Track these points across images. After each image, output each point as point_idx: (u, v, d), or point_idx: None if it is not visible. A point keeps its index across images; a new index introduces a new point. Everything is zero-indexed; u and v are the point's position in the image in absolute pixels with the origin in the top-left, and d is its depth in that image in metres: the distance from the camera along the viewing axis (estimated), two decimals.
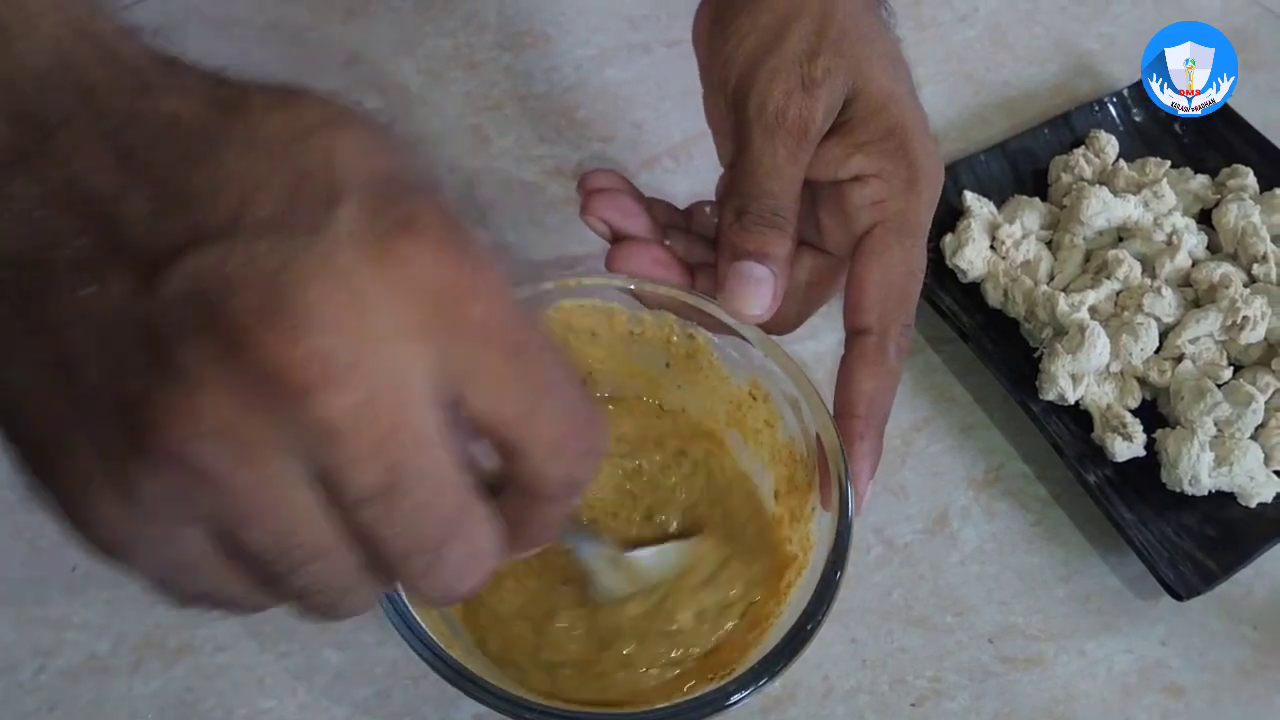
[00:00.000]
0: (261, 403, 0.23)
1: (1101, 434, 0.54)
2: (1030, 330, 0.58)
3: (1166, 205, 0.61)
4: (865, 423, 0.43)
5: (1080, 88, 0.70)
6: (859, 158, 0.43)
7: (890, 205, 0.43)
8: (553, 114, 0.66)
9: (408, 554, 0.26)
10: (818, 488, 0.43)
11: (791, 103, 0.42)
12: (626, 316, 0.47)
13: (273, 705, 0.46)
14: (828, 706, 0.48)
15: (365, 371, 0.24)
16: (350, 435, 0.24)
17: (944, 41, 0.72)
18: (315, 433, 0.24)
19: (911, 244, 0.44)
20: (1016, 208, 0.61)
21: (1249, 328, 0.55)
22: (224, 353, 0.23)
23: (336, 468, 0.24)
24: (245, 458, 0.24)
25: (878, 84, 0.43)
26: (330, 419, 0.24)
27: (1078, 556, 0.53)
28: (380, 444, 0.24)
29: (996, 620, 0.51)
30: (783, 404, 0.45)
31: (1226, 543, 0.51)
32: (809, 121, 0.42)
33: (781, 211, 0.43)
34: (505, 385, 0.26)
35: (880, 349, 0.43)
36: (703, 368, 0.47)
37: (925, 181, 0.43)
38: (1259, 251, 0.58)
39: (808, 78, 0.42)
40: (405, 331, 0.25)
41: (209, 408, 0.23)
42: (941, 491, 0.54)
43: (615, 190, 0.47)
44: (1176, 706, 0.49)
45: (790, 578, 0.43)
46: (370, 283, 0.24)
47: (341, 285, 0.24)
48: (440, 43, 0.68)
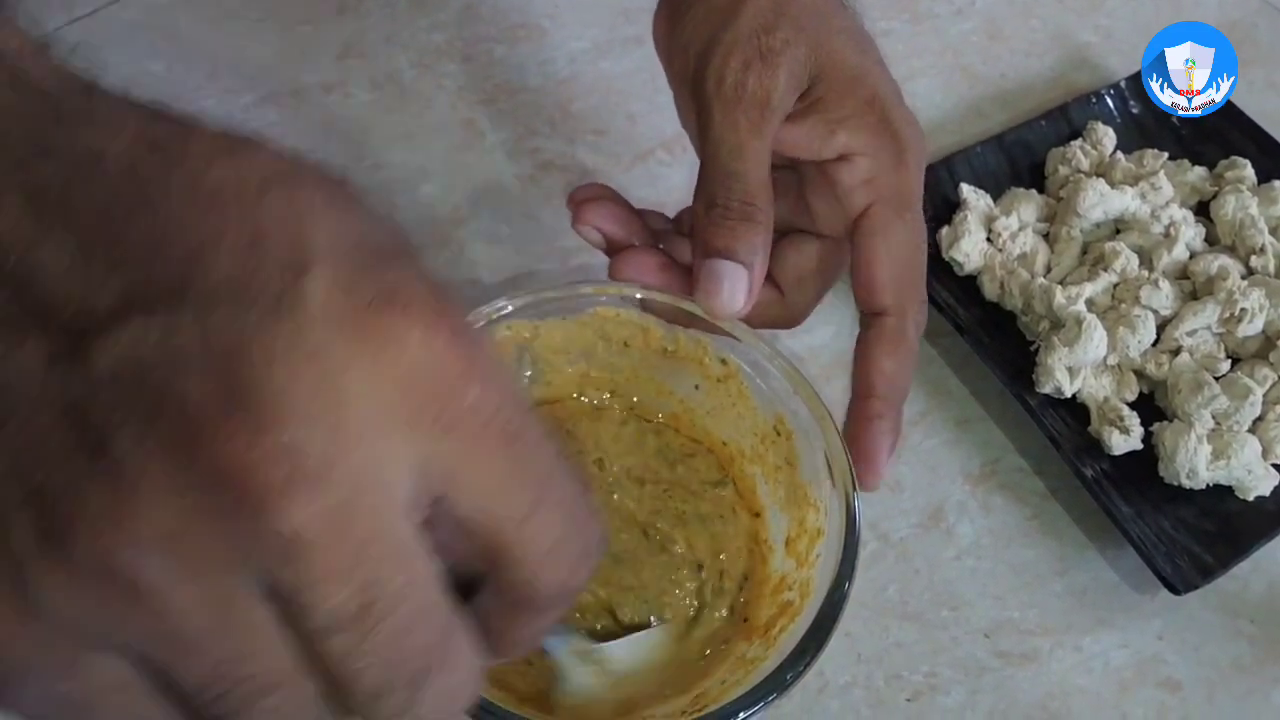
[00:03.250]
0: (213, 508, 0.19)
1: (1098, 427, 0.54)
2: (1027, 323, 0.57)
3: (1164, 197, 0.60)
4: (885, 403, 0.42)
5: (1077, 80, 0.70)
6: (841, 134, 0.42)
7: (882, 181, 0.42)
8: (547, 107, 0.65)
9: (379, 691, 0.22)
10: (828, 534, 0.41)
11: (750, 73, 0.40)
12: (661, 333, 0.46)
13: None
14: (822, 702, 0.48)
15: (340, 473, 0.20)
16: (319, 550, 0.20)
17: (940, 34, 0.72)
18: (277, 547, 0.20)
19: (911, 217, 0.43)
20: (1013, 200, 0.61)
21: (1246, 320, 0.54)
22: (169, 446, 0.19)
23: (300, 588, 0.20)
24: (189, 573, 0.20)
25: (843, 56, 0.42)
26: (297, 532, 0.20)
27: (1074, 551, 0.53)
28: (354, 560, 0.20)
29: (992, 615, 0.51)
30: (804, 441, 0.43)
31: (1224, 537, 0.51)
32: (770, 90, 0.40)
33: (750, 196, 0.41)
34: (499, 484, 0.23)
35: (900, 329, 0.42)
36: (732, 395, 0.46)
37: (912, 152, 0.43)
38: (1257, 244, 0.57)
39: (765, 48, 0.40)
40: (389, 423, 0.21)
41: (147, 511, 0.19)
42: (937, 486, 0.54)
43: (605, 199, 0.46)
44: (1173, 701, 0.49)
45: (784, 624, 0.41)
46: (348, 365, 0.20)
47: (314, 368, 0.20)
48: (434, 36, 0.68)
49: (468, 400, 0.22)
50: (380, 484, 0.21)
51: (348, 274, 0.21)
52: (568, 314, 0.46)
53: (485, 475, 0.23)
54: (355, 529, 0.20)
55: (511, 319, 0.45)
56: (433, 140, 0.63)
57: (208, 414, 0.19)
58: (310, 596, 0.20)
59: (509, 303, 0.44)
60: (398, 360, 0.21)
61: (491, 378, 0.23)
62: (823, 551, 0.41)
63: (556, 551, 0.24)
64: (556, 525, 0.24)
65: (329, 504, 0.20)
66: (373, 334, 0.21)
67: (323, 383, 0.20)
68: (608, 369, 0.48)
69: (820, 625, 0.38)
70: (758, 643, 0.41)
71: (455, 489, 0.22)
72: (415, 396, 0.21)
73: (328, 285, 0.21)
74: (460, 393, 0.22)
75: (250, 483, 0.19)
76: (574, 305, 0.45)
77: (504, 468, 0.23)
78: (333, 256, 0.21)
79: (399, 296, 0.22)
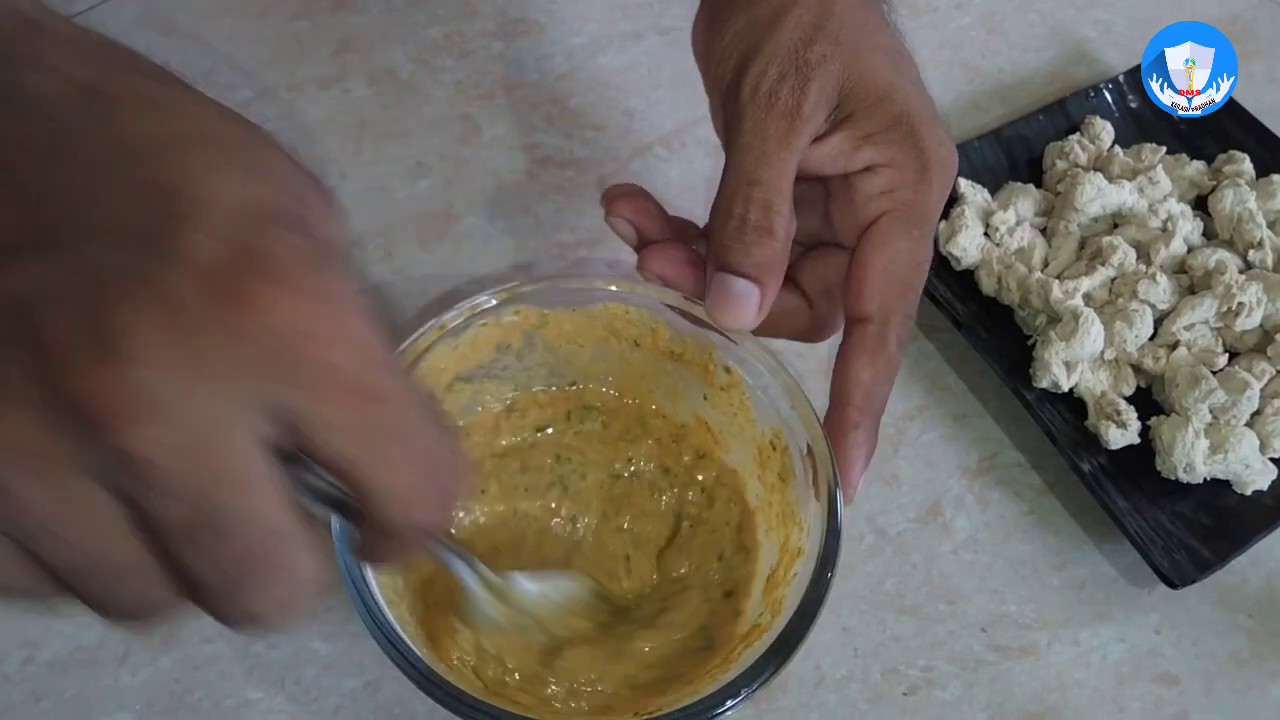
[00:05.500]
0: (67, 426, 0.22)
1: (1096, 422, 0.54)
2: (1024, 318, 0.57)
3: (1162, 191, 0.60)
4: (861, 412, 0.42)
5: (1076, 75, 0.70)
6: (868, 149, 0.42)
7: (900, 195, 0.42)
8: (544, 103, 0.65)
9: (210, 586, 0.25)
10: (807, 554, 0.41)
11: (785, 84, 0.40)
12: (669, 334, 0.46)
13: (260, 696, 0.46)
14: (819, 696, 0.48)
15: (183, 412, 0.23)
16: (158, 471, 0.23)
17: (939, 29, 0.72)
18: (121, 464, 0.23)
19: (920, 234, 0.43)
20: (1011, 194, 0.61)
21: (1244, 314, 0.54)
22: (35, 371, 0.22)
23: (141, 498, 0.23)
24: (42, 476, 0.23)
25: (877, 74, 0.42)
26: (138, 453, 0.22)
27: (1071, 545, 0.52)
28: (188, 482, 0.23)
29: (989, 609, 0.50)
30: (797, 458, 0.43)
31: (1221, 531, 0.51)
32: (800, 102, 0.40)
33: (770, 205, 0.41)
34: (348, 433, 0.25)
35: (881, 338, 0.42)
36: (734, 405, 0.46)
37: (937, 171, 0.42)
38: (1255, 238, 0.57)
39: (801, 61, 0.41)
40: (238, 372, 0.23)
41: (11, 425, 0.22)
42: (935, 480, 0.54)
43: (637, 194, 0.46)
44: (1170, 695, 0.49)
45: (753, 640, 0.41)
46: (207, 319, 0.23)
47: (174, 317, 0.22)
48: (431, 31, 0.68)
49: (319, 361, 0.24)
50: (221, 424, 0.23)
51: (229, 235, 0.23)
52: (577, 305, 0.46)
53: (340, 428, 0.25)
54: (192, 459, 0.23)
55: (520, 304, 0.45)
56: (430, 135, 0.63)
57: (70, 346, 0.22)
58: (150, 505, 0.23)
59: (520, 286, 0.44)
60: (255, 320, 0.23)
61: (349, 341, 0.25)
62: (800, 571, 0.40)
63: (410, 494, 0.27)
64: (412, 471, 0.26)
65: (169, 437, 0.22)
66: (237, 294, 0.23)
67: (179, 331, 0.22)
68: (620, 367, 0.48)
69: (781, 646, 0.38)
70: (720, 659, 0.41)
71: (311, 437, 0.25)
72: (265, 351, 0.23)
73: (207, 243, 0.23)
74: (313, 351, 0.24)
75: (99, 409, 0.22)
76: (588, 298, 0.45)
77: (358, 422, 0.25)
78: (220, 217, 0.23)
79: (268, 260, 0.23)
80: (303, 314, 0.24)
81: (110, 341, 0.22)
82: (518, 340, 0.47)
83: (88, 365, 0.22)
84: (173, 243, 0.23)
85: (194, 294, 0.22)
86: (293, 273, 0.24)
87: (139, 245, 0.23)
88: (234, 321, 0.23)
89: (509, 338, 0.46)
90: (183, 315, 0.22)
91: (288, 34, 0.67)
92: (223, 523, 0.24)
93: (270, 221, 0.24)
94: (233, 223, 0.23)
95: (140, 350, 0.22)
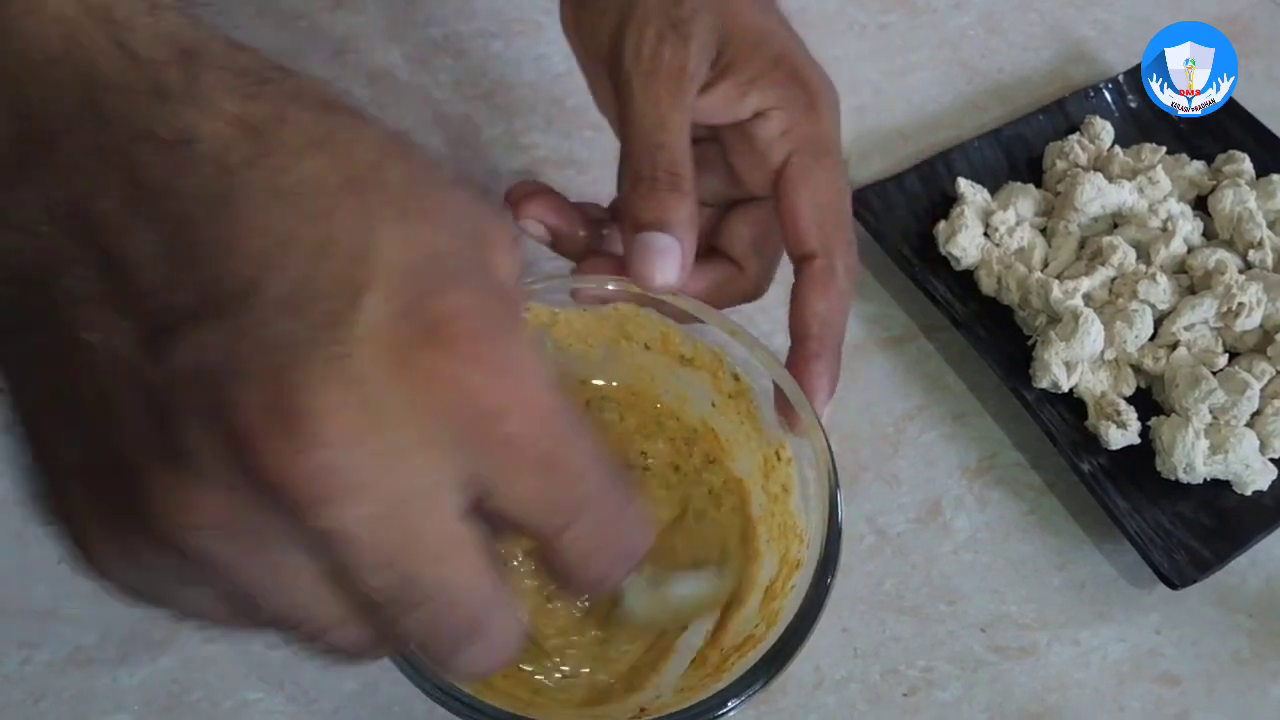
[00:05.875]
0: (265, 503, 0.22)
1: (1095, 422, 0.54)
2: (1024, 318, 0.57)
3: (1161, 191, 0.60)
4: (819, 342, 0.42)
5: (1075, 74, 0.70)
6: (754, 94, 0.42)
7: (798, 131, 0.43)
8: (543, 102, 0.65)
9: (426, 649, 0.26)
10: (806, 564, 0.41)
11: (665, 45, 0.41)
12: (680, 338, 0.46)
13: (259, 697, 0.46)
14: (818, 697, 0.48)
15: (376, 489, 0.22)
16: (360, 546, 0.23)
17: (938, 28, 0.72)
18: (323, 541, 0.23)
19: (830, 163, 0.43)
20: (1010, 194, 0.61)
21: (1244, 314, 0.54)
22: (228, 447, 0.22)
23: (346, 570, 0.23)
24: (248, 550, 0.23)
25: (748, 19, 0.43)
26: (338, 531, 0.22)
27: (1071, 545, 0.52)
28: (392, 556, 0.23)
29: (989, 609, 0.50)
30: (800, 469, 0.43)
31: (1221, 531, 0.51)
32: (684, 60, 0.41)
33: (675, 166, 0.41)
34: (535, 503, 0.25)
35: (828, 270, 0.43)
36: (741, 413, 0.46)
37: (824, 100, 0.43)
38: (1255, 238, 0.57)
39: (675, 19, 0.41)
40: (427, 446, 0.23)
41: (210, 500, 0.22)
42: (934, 480, 0.54)
43: (543, 192, 0.46)
44: (1171, 695, 0.49)
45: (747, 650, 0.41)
46: (389, 393, 0.22)
47: (356, 393, 0.22)
48: (429, 31, 0.68)
49: (504, 430, 0.24)
50: (417, 497, 0.23)
51: (404, 297, 0.23)
52: (587, 305, 0.46)
53: (522, 493, 0.25)
54: (393, 533, 0.23)
55: (530, 301, 0.45)
56: (428, 135, 0.63)
57: (256, 424, 0.21)
58: (355, 578, 0.23)
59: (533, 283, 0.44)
60: (437, 391, 0.23)
61: (531, 406, 0.24)
62: (798, 583, 0.40)
63: (592, 557, 0.27)
64: (593, 537, 0.27)
65: (368, 512, 0.22)
66: (416, 365, 0.23)
67: (363, 408, 0.22)
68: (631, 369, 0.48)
69: (776, 657, 0.38)
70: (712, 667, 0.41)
71: (497, 505, 0.25)
72: (452, 425, 0.23)
73: (381, 308, 0.22)
74: (497, 423, 0.24)
75: (292, 493, 0.22)
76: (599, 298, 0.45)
77: (539, 488, 0.25)
78: (391, 278, 0.23)
79: (448, 326, 0.23)
80: (481, 386, 0.23)
81: (296, 422, 0.21)
82: None
83: (276, 447, 0.21)
84: (349, 311, 0.22)
85: (373, 368, 0.22)
86: (469, 341, 0.23)
87: (314, 312, 0.22)
88: (417, 397, 0.23)
89: None
90: (365, 391, 0.22)
91: (286, 35, 0.67)
92: (427, 595, 0.24)
93: (447, 278, 0.23)
94: (409, 283, 0.23)
95: (328, 431, 0.22)
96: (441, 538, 0.24)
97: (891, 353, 0.58)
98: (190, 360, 0.22)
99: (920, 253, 0.59)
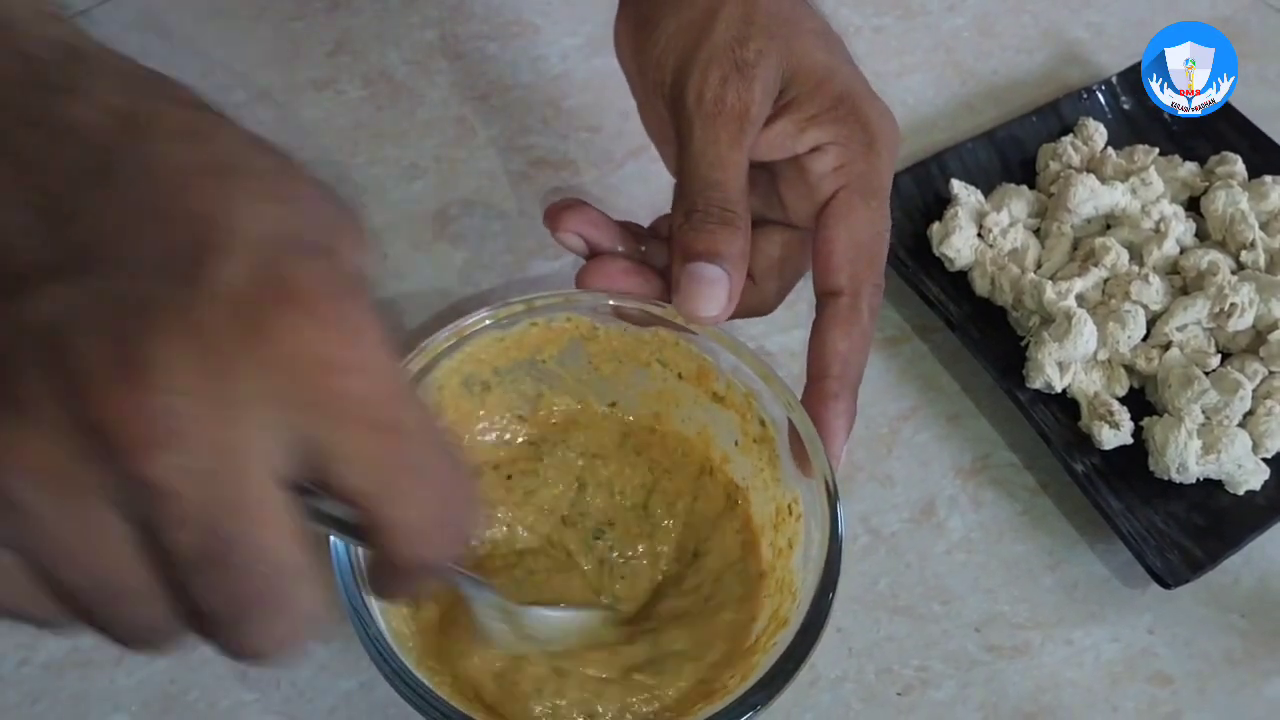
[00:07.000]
0: (89, 450, 0.22)
1: (1089, 422, 0.54)
2: (1017, 319, 0.58)
3: (1154, 193, 0.60)
4: (839, 382, 0.42)
5: (1069, 76, 0.70)
6: (813, 130, 0.43)
7: (851, 169, 0.43)
8: (539, 104, 0.65)
9: (216, 617, 0.25)
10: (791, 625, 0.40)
11: (729, 88, 0.41)
12: (716, 374, 0.46)
13: (255, 697, 0.46)
14: (813, 696, 0.48)
15: (204, 440, 0.23)
16: (176, 499, 0.23)
17: (932, 30, 0.72)
18: (140, 490, 0.23)
19: (876, 204, 0.44)
20: (1004, 196, 0.61)
21: (1237, 315, 0.54)
22: (63, 393, 0.22)
23: (157, 525, 0.23)
24: (60, 497, 0.23)
25: (813, 59, 0.43)
26: (158, 480, 0.23)
27: (1065, 545, 0.53)
28: (205, 513, 0.23)
29: (983, 609, 0.51)
30: (807, 529, 0.43)
31: (1214, 531, 0.51)
32: (748, 104, 0.41)
33: (730, 204, 0.42)
34: (366, 466, 0.25)
35: (854, 309, 0.43)
36: (764, 459, 0.46)
37: (883, 141, 0.43)
38: (1247, 239, 0.58)
39: (740, 61, 0.41)
40: (260, 402, 0.23)
41: (35, 446, 0.22)
42: (928, 480, 0.54)
43: (581, 206, 0.46)
44: (1163, 695, 0.49)
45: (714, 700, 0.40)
46: (233, 347, 0.23)
47: (197, 343, 0.23)
48: (425, 32, 0.68)
49: (341, 390, 0.24)
50: (241, 454, 0.23)
51: (257, 264, 0.24)
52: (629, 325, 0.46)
53: (354, 459, 0.25)
54: (210, 489, 0.23)
55: (573, 311, 0.45)
56: (425, 137, 0.64)
57: (97, 371, 0.22)
58: (164, 534, 0.23)
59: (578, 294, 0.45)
60: (278, 348, 0.23)
61: (370, 369, 0.25)
62: (780, 641, 0.40)
63: (422, 531, 0.27)
64: (425, 507, 0.26)
65: (189, 464, 0.23)
66: (261, 322, 0.23)
67: (204, 358, 0.23)
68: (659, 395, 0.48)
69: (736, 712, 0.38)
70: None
71: (328, 468, 0.25)
72: (288, 380, 0.23)
73: (234, 271, 0.23)
74: (334, 380, 0.24)
75: (122, 433, 0.22)
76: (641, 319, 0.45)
77: (373, 450, 0.25)
78: (248, 247, 0.24)
79: (296, 290, 0.24)
80: (324, 341, 0.24)
81: (137, 367, 0.22)
82: (560, 347, 0.47)
83: (114, 390, 0.22)
84: (202, 271, 0.23)
85: (221, 322, 0.23)
86: (316, 300, 0.24)
87: (169, 273, 0.23)
88: (259, 350, 0.23)
89: (553, 343, 0.46)
90: (209, 343, 0.23)
91: (283, 36, 0.67)
92: (233, 555, 0.24)
93: (298, 251, 0.24)
94: (261, 251, 0.24)
95: (167, 377, 0.22)
96: (255, 496, 0.24)
97: (886, 353, 0.58)
98: (43, 312, 0.23)
99: (914, 254, 0.59)
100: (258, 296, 0.23)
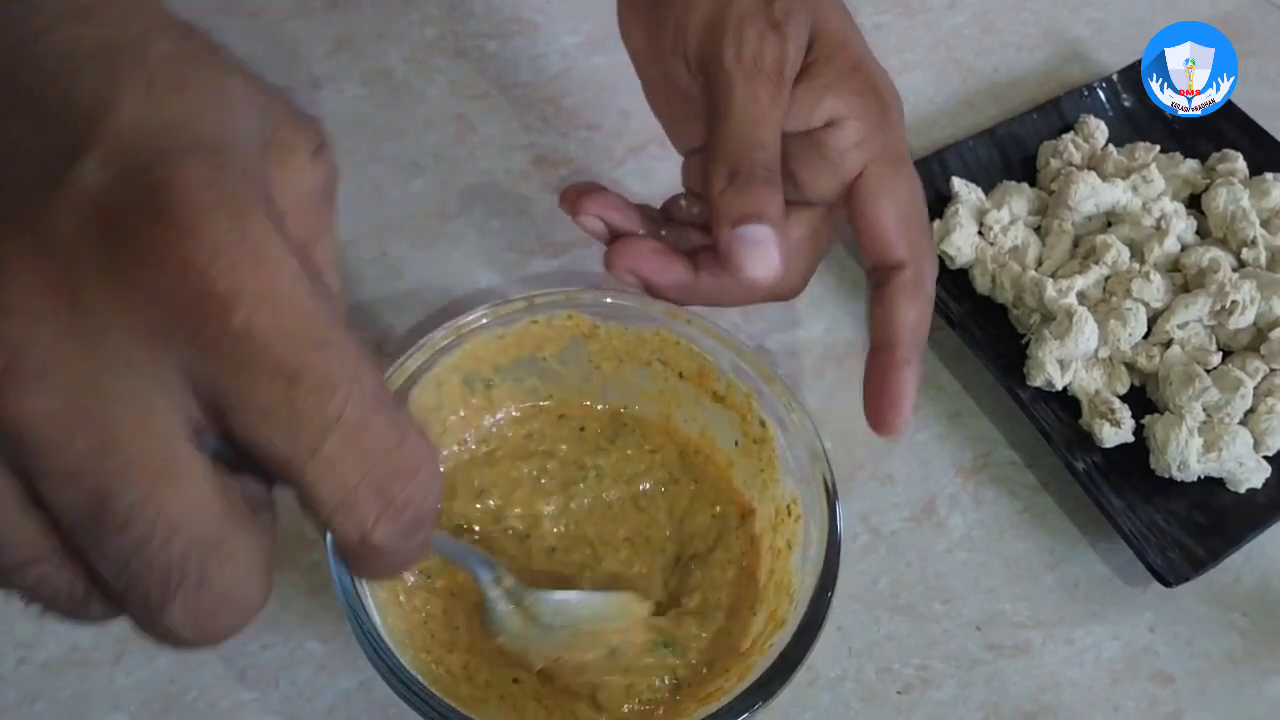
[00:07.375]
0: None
1: (1090, 420, 0.54)
2: (1018, 316, 0.57)
3: (1155, 190, 0.60)
4: (910, 349, 0.43)
5: (1070, 74, 0.70)
6: (829, 100, 0.42)
7: (873, 142, 0.43)
8: (539, 102, 0.65)
9: (121, 591, 0.21)
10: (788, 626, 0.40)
11: (766, 45, 0.41)
12: (716, 374, 0.46)
13: (254, 696, 0.46)
14: (813, 695, 0.48)
15: (67, 377, 0.19)
16: (45, 448, 0.19)
17: (933, 28, 0.72)
18: (7, 440, 0.19)
19: (908, 172, 0.44)
20: (1005, 193, 0.61)
21: (1238, 313, 0.54)
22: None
23: (34, 477, 0.20)
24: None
25: (834, 23, 0.43)
26: (18, 422, 0.19)
27: (1066, 544, 0.53)
28: (82, 465, 0.20)
29: (984, 608, 0.51)
30: (806, 530, 0.43)
31: (1215, 529, 0.51)
32: (784, 61, 0.41)
33: (772, 164, 0.41)
34: (274, 421, 0.21)
35: (919, 278, 0.43)
36: (764, 460, 0.46)
37: (896, 111, 0.44)
38: (1248, 236, 0.57)
39: (772, 18, 0.41)
40: (141, 336, 0.20)
41: None
42: (929, 479, 0.54)
43: (597, 190, 0.46)
44: (1164, 694, 0.49)
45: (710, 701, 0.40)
46: (95, 268, 0.19)
47: (50, 262, 0.19)
48: (425, 30, 0.68)
49: (235, 322, 0.20)
50: (120, 395, 0.20)
51: (120, 164, 0.20)
52: (630, 323, 0.46)
53: (258, 404, 0.20)
54: (83, 435, 0.19)
55: (574, 309, 0.45)
56: (425, 135, 0.63)
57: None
58: (44, 487, 0.20)
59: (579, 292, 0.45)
60: (151, 270, 0.19)
61: (271, 298, 0.20)
62: (777, 643, 0.40)
63: (354, 499, 0.22)
64: (352, 470, 0.22)
65: (51, 406, 0.19)
66: (130, 238, 0.19)
67: (56, 280, 0.19)
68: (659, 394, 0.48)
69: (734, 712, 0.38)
70: None
71: (226, 414, 0.21)
72: (170, 311, 0.20)
73: (96, 174, 0.19)
74: (226, 313, 0.20)
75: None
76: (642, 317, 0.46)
77: (280, 399, 0.20)
78: (116, 142, 0.20)
79: (165, 197, 0.19)
80: (208, 269, 0.19)
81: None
82: (560, 345, 0.46)
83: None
84: (67, 173, 0.19)
85: (77, 236, 0.19)
86: (196, 214, 0.19)
87: (28, 175, 0.20)
88: (126, 271, 0.19)
89: (553, 341, 0.46)
90: (62, 259, 0.19)
91: (282, 34, 0.67)
92: (128, 519, 0.20)
93: (182, 149, 0.20)
94: (133, 153, 0.20)
95: (15, 302, 0.19)
96: (154, 451, 0.20)
97: None
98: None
99: None
100: (124, 206, 0.19)
